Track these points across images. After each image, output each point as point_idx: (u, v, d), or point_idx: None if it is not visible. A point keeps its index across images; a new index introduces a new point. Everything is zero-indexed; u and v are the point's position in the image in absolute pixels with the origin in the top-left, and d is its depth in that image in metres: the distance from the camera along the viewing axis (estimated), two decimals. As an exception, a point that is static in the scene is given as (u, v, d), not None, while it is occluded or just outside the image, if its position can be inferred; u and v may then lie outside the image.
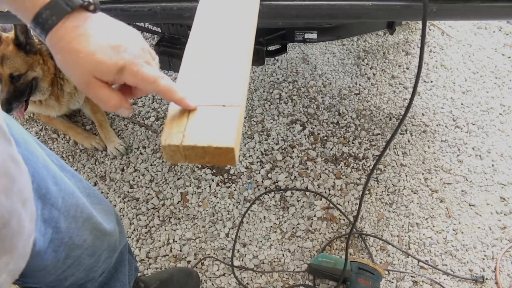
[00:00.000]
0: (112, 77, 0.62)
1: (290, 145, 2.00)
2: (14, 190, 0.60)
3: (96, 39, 0.61)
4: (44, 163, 0.84)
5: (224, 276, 1.66)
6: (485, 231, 1.74)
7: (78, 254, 0.94)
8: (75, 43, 0.60)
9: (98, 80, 0.62)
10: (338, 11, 1.09)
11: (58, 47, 0.62)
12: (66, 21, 0.61)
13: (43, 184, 0.81)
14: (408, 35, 2.45)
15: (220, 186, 1.88)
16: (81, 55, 0.60)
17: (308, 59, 2.34)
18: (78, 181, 0.98)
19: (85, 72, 0.61)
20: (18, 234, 0.61)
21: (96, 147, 2.03)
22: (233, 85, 0.72)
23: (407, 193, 1.85)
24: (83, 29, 0.61)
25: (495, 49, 2.38)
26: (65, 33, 0.61)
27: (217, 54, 0.77)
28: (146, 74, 0.63)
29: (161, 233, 1.77)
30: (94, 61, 0.60)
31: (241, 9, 0.87)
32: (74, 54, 0.60)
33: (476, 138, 2.01)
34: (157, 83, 0.64)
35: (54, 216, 0.84)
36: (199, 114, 0.68)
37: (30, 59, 1.77)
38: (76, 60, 0.60)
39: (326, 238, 1.74)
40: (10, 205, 0.58)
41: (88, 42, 0.60)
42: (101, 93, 0.62)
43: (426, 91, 2.20)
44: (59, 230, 0.86)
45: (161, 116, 2.14)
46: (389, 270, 1.65)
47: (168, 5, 1.09)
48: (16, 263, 0.63)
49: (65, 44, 0.61)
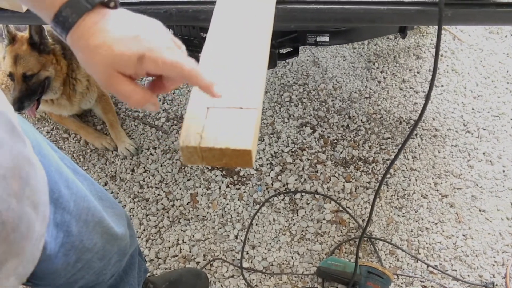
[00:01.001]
0: (133, 68, 0.60)
1: (300, 148, 2.00)
2: (26, 194, 0.59)
3: (114, 33, 0.60)
4: (57, 167, 0.84)
5: (233, 277, 1.67)
6: (496, 237, 1.73)
7: (88, 258, 0.94)
8: (94, 39, 0.59)
9: (120, 75, 0.60)
10: (353, 15, 1.10)
11: (78, 45, 0.61)
12: (86, 18, 0.60)
13: (55, 188, 0.81)
14: (419, 39, 2.44)
15: (230, 188, 1.89)
16: (100, 50, 0.59)
17: (318, 62, 2.34)
18: (91, 184, 0.98)
19: (105, 67, 0.60)
20: (27, 238, 0.61)
21: (106, 147, 2.05)
22: (250, 88, 0.72)
23: (417, 197, 1.84)
24: (102, 25, 0.60)
25: (507, 54, 2.37)
26: (85, 31, 0.60)
27: (234, 56, 0.78)
28: (167, 59, 0.60)
29: (170, 234, 1.77)
30: (113, 54, 0.59)
31: (257, 12, 0.88)
32: (94, 51, 0.59)
33: (487, 143, 2.00)
34: (180, 67, 0.61)
35: (66, 220, 0.84)
36: (217, 116, 0.68)
37: (43, 58, 1.79)
38: (96, 56, 0.59)
39: (335, 241, 1.74)
40: (20, 209, 0.58)
41: (107, 36, 0.59)
42: (124, 88, 0.61)
43: (437, 95, 2.19)
44: (70, 234, 0.86)
45: (172, 117, 2.14)
46: (398, 274, 1.65)
47: (183, 7, 1.10)
48: (24, 267, 0.62)
49: (85, 41, 0.60)
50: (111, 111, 2.11)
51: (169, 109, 2.18)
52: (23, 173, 0.61)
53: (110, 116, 2.09)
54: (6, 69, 1.76)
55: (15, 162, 0.59)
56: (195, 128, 0.66)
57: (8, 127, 0.61)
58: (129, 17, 0.63)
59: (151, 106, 0.64)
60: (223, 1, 0.90)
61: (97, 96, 2.09)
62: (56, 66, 1.84)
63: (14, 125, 0.63)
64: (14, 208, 0.57)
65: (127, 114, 2.17)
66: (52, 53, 1.83)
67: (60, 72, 1.87)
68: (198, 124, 0.67)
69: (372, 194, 1.84)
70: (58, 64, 1.85)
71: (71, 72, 1.94)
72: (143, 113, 2.16)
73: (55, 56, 1.83)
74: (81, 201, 0.89)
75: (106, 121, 2.09)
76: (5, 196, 0.55)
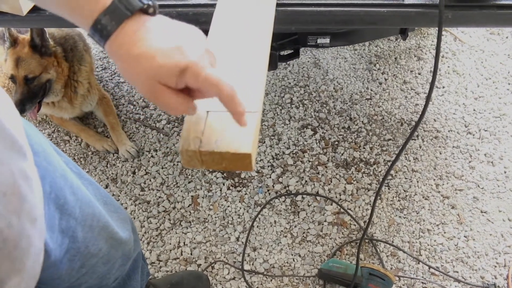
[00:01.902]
0: (175, 79, 0.59)
1: (301, 150, 2.00)
2: (25, 210, 0.59)
3: (156, 42, 0.58)
4: (62, 173, 0.84)
5: (234, 280, 1.67)
6: (497, 238, 1.73)
7: (93, 263, 0.94)
8: (135, 48, 0.58)
9: (163, 86, 0.59)
10: (353, 17, 1.10)
11: (118, 54, 0.59)
12: (125, 26, 0.59)
13: (61, 194, 0.81)
14: (420, 40, 2.44)
15: (231, 190, 1.88)
16: (142, 60, 0.58)
17: (319, 64, 2.34)
18: (96, 189, 0.98)
19: (148, 78, 0.59)
20: (28, 254, 0.60)
21: (107, 149, 2.05)
22: (251, 91, 0.72)
23: (418, 199, 1.84)
24: (143, 33, 0.59)
25: (508, 55, 2.36)
26: (125, 39, 0.59)
27: (234, 60, 0.78)
28: (209, 75, 0.59)
29: (171, 236, 1.77)
30: (156, 65, 0.57)
31: (257, 15, 0.88)
32: (136, 61, 0.58)
33: (488, 145, 2.00)
34: (220, 88, 0.59)
35: (72, 226, 0.84)
36: (217, 120, 0.68)
37: (44, 61, 1.79)
38: (138, 66, 0.58)
39: (337, 243, 1.74)
40: (20, 225, 0.58)
41: (148, 46, 0.58)
42: (168, 100, 0.60)
43: (438, 96, 2.19)
44: (75, 240, 0.86)
45: (173, 119, 2.15)
46: (399, 276, 1.64)
47: (184, 10, 1.10)
48: (26, 283, 0.62)
49: (125, 51, 0.58)
50: (112, 113, 2.11)
51: (170, 111, 2.18)
52: (22, 189, 0.60)
53: (111, 118, 2.10)
54: (8, 71, 1.76)
55: (15, 178, 0.58)
56: (195, 132, 0.66)
57: (7, 142, 0.60)
58: (170, 25, 0.62)
59: (191, 111, 0.64)
60: (223, 3, 0.90)
61: (98, 98, 2.09)
62: (58, 68, 1.84)
63: (14, 140, 0.62)
64: (15, 225, 0.56)
65: (128, 117, 2.17)
66: (54, 56, 1.83)
67: (62, 75, 1.87)
68: (198, 128, 0.67)
69: (374, 196, 1.84)
70: (60, 66, 1.85)
71: (73, 74, 1.94)
72: (144, 115, 2.17)
73: (57, 59, 1.84)
74: (86, 207, 0.88)
75: (107, 123, 2.09)
76: (5, 213, 0.55)
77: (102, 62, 2.42)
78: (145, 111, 2.18)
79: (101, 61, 2.43)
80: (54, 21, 1.24)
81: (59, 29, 1.93)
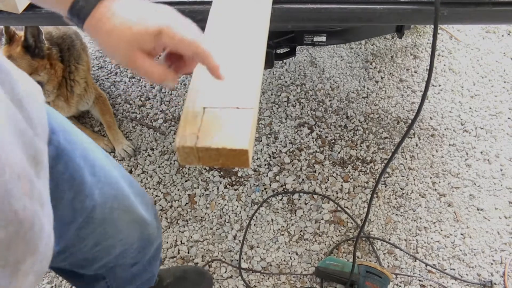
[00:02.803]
0: (152, 42, 0.62)
1: (297, 148, 2.00)
2: (35, 194, 0.61)
3: (131, 13, 0.62)
4: (83, 153, 0.85)
5: (232, 278, 1.67)
6: (494, 235, 1.74)
7: (109, 244, 0.97)
8: (112, 20, 0.62)
9: (141, 53, 0.63)
10: (350, 15, 1.10)
11: (96, 31, 0.63)
12: (100, 6, 0.62)
13: (77, 175, 0.83)
14: (416, 38, 2.45)
15: (228, 189, 1.88)
16: (118, 30, 0.62)
17: (316, 62, 2.35)
18: (123, 171, 1.01)
19: (126, 46, 0.62)
20: (40, 237, 0.62)
21: (104, 148, 2.04)
22: (247, 88, 0.72)
23: (415, 196, 1.84)
24: (116, 8, 0.63)
25: (503, 53, 2.37)
26: (102, 15, 0.62)
27: (230, 57, 0.78)
28: (184, 35, 0.63)
29: (168, 235, 1.77)
30: (133, 32, 0.61)
31: (253, 13, 0.88)
32: (113, 32, 0.62)
33: (485, 143, 2.01)
34: (196, 45, 0.64)
35: (87, 207, 0.86)
36: (213, 116, 0.68)
37: (35, 63, 1.74)
38: (114, 37, 0.62)
39: (334, 241, 1.74)
40: (33, 209, 0.59)
41: (124, 17, 0.62)
42: (145, 64, 0.63)
43: (434, 95, 2.20)
44: (91, 221, 0.88)
45: (169, 118, 2.14)
46: (396, 273, 1.65)
47: (180, 7, 1.10)
48: (40, 264, 0.64)
49: (103, 24, 0.62)
50: (109, 112, 2.10)
51: (166, 110, 2.18)
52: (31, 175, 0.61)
53: (108, 117, 2.09)
54: (-2, 69, 1.75)
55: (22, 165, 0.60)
56: (192, 128, 0.66)
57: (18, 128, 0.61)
58: (144, 1, 0.66)
59: (169, 83, 0.66)
60: (219, 1, 0.90)
61: (94, 97, 2.08)
62: (50, 70, 1.80)
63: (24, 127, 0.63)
64: (28, 207, 0.58)
65: (124, 116, 2.17)
66: (47, 58, 1.79)
67: (54, 76, 1.83)
68: (194, 124, 0.67)
69: (370, 194, 1.84)
70: (53, 68, 1.82)
71: (69, 74, 1.93)
72: (141, 114, 2.16)
73: (50, 61, 1.80)
74: (108, 188, 0.91)
75: (104, 122, 2.09)
76: (20, 195, 0.56)
77: (99, 61, 2.42)
78: (142, 110, 2.18)
79: (97, 60, 2.42)
80: (50, 19, 1.23)
81: (56, 28, 1.92)
